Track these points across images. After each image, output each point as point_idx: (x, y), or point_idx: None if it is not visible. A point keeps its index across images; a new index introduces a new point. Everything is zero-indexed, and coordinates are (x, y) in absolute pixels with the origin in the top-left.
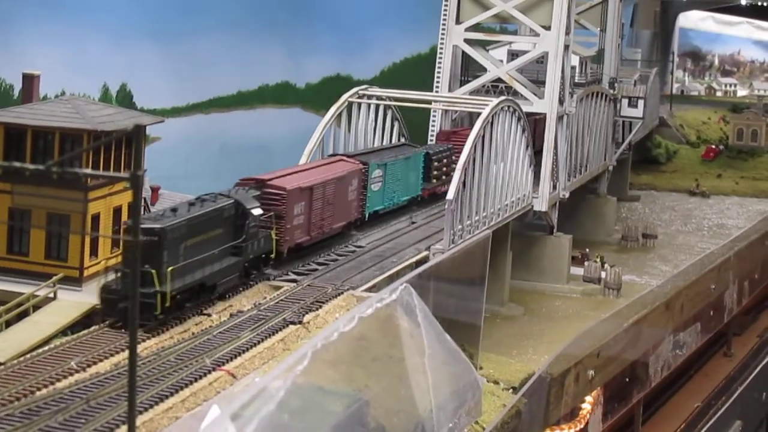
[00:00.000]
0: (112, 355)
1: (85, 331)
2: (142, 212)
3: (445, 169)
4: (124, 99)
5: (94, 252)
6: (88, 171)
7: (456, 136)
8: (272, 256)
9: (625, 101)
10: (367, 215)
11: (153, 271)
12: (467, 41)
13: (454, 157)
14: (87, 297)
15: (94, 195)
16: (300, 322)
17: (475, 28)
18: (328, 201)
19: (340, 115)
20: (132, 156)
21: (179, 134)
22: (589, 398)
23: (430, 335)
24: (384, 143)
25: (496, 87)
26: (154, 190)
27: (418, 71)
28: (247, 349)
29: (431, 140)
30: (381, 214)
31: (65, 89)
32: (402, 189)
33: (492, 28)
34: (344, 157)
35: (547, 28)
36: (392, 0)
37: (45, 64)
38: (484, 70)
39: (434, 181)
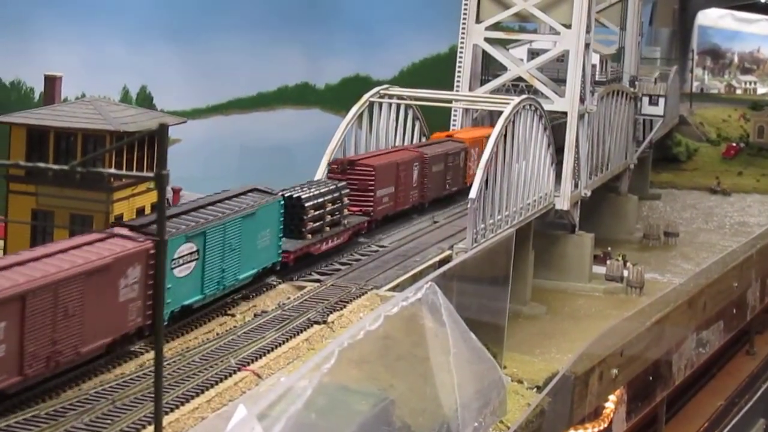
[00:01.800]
0: (136, 356)
1: None
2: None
3: (333, 216)
4: (144, 101)
5: None
6: (114, 171)
7: (358, 168)
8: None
9: (645, 99)
10: (167, 316)
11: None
12: (487, 40)
13: (346, 200)
14: None
15: (117, 196)
16: (324, 322)
17: (495, 26)
18: None
19: (361, 115)
20: (155, 156)
21: (199, 136)
22: (612, 397)
23: (455, 334)
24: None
25: (517, 86)
26: (176, 192)
27: (437, 71)
28: (272, 349)
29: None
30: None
31: (85, 91)
32: (241, 261)
33: (511, 27)
34: None
35: (568, 26)
36: (411, 0)
37: (65, 67)
38: (504, 69)
39: (310, 236)
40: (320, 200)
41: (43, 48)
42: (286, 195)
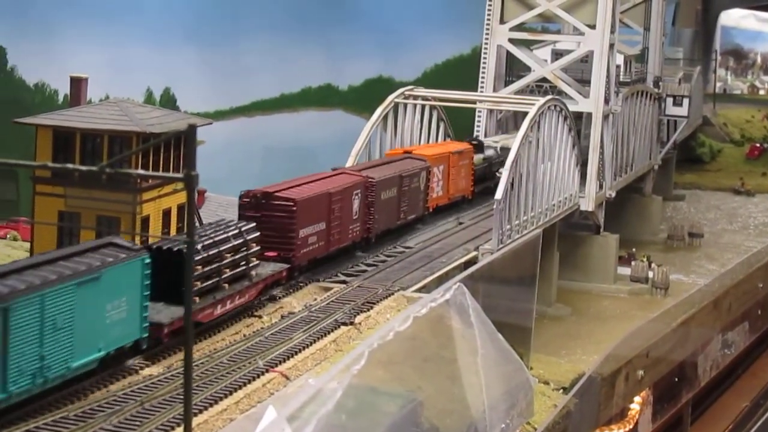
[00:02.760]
0: (164, 358)
1: None
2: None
3: (235, 269)
4: (168, 102)
5: None
6: (143, 172)
7: (274, 203)
8: None
9: (669, 100)
10: None
11: None
12: (511, 41)
13: (255, 245)
14: None
15: (144, 197)
16: (351, 323)
17: (519, 27)
18: None
19: (386, 116)
20: (180, 158)
21: (223, 137)
22: (637, 398)
23: (482, 335)
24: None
25: (541, 87)
26: (200, 193)
27: (460, 72)
28: (300, 351)
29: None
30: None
31: (109, 93)
32: (75, 343)
33: (534, 27)
34: None
35: (592, 26)
36: (433, 2)
37: (88, 68)
38: (528, 70)
39: (198, 300)
40: (213, 251)
41: (66, 50)
42: (157, 248)
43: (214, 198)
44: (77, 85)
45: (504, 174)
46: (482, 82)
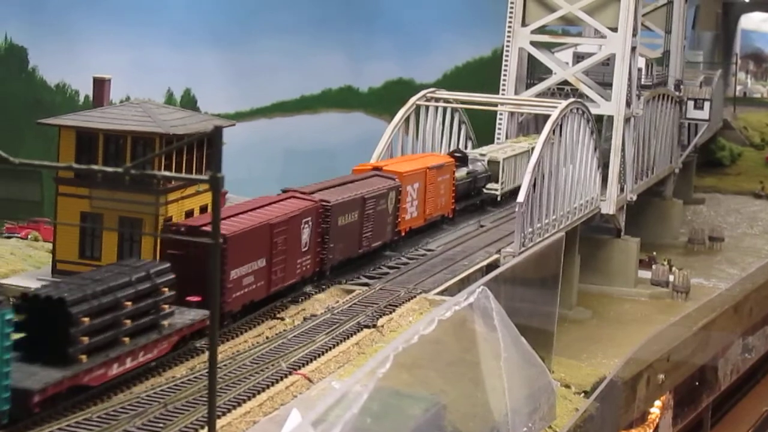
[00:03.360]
0: (187, 360)
1: None
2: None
3: (140, 319)
4: (188, 103)
5: None
6: (168, 173)
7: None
8: None
9: (690, 103)
10: None
11: None
12: (533, 44)
13: (167, 290)
14: None
15: (167, 198)
16: (374, 326)
17: (541, 30)
18: None
19: (407, 118)
20: (203, 159)
21: (243, 139)
22: (658, 402)
23: (505, 338)
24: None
25: (562, 89)
26: (221, 195)
27: (480, 75)
28: (322, 353)
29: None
30: None
31: (129, 94)
32: None
33: (555, 30)
34: None
35: (614, 29)
36: (453, 4)
37: (109, 69)
38: (548, 72)
39: (85, 358)
40: (107, 299)
41: (86, 51)
42: (32, 296)
43: (235, 200)
44: (100, 85)
45: (526, 177)
46: (504, 85)
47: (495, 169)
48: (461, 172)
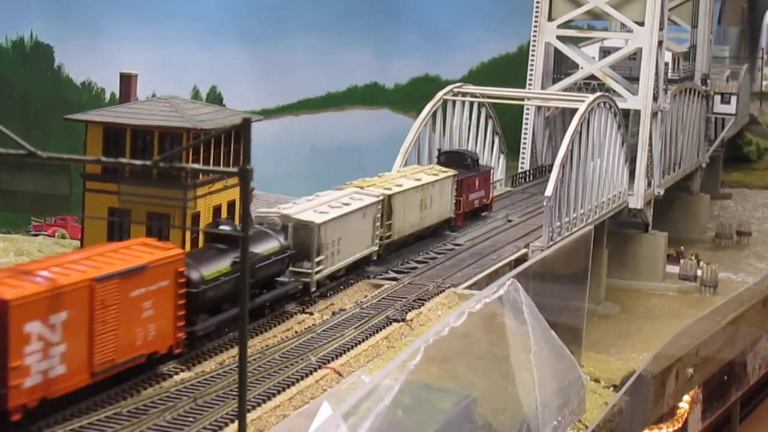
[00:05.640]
0: (216, 354)
1: None
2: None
3: None
4: (214, 100)
5: None
6: (198, 167)
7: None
8: None
9: (717, 98)
10: None
11: None
12: (559, 38)
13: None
14: None
15: (195, 193)
16: (403, 320)
17: (567, 25)
18: None
19: (434, 113)
20: (231, 154)
21: (269, 136)
22: (686, 397)
23: (535, 331)
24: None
25: (589, 84)
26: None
27: (506, 71)
28: (352, 347)
29: None
30: None
31: (155, 91)
32: None
33: (580, 25)
34: None
35: (641, 23)
36: (478, 0)
37: (134, 67)
38: (575, 67)
39: None
40: None
41: (112, 48)
42: None
43: (262, 196)
44: (127, 81)
45: (554, 171)
46: (530, 80)
47: (309, 239)
48: (221, 266)
